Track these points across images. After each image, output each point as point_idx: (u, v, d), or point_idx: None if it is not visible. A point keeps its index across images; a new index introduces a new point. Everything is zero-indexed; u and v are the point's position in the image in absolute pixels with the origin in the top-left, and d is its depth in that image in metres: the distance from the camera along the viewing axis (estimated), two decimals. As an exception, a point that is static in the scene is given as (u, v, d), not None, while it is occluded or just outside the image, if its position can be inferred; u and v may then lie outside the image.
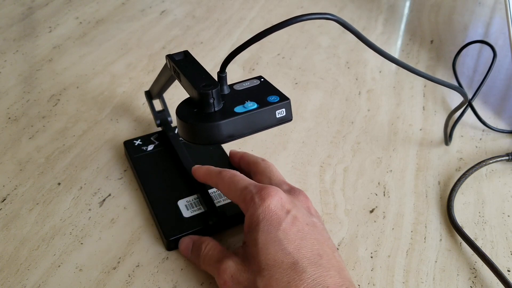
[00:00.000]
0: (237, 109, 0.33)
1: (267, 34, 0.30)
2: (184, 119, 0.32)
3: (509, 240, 0.39)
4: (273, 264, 0.30)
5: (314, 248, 0.30)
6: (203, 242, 0.35)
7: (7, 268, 0.36)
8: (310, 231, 0.31)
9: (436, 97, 0.55)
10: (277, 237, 0.30)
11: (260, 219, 0.31)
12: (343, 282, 0.29)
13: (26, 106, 0.53)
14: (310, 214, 0.33)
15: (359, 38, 0.32)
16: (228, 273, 0.32)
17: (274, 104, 0.33)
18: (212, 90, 0.32)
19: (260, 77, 0.36)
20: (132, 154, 0.44)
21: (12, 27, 0.68)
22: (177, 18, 0.71)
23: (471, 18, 0.72)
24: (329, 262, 0.30)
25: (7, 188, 0.42)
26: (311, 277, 0.29)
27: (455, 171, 0.45)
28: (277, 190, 0.32)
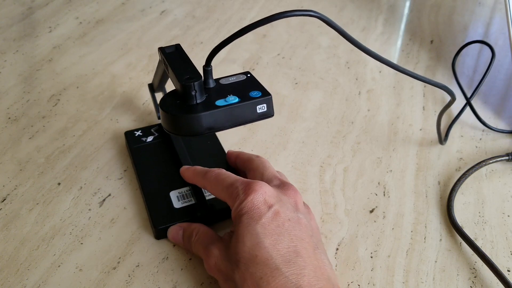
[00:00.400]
0: (219, 102, 0.33)
1: (251, 29, 0.31)
2: (166, 109, 0.33)
3: (509, 240, 0.39)
4: (249, 257, 0.30)
5: (291, 245, 0.30)
6: (193, 229, 0.36)
7: (7, 268, 0.36)
8: (290, 227, 0.31)
9: (436, 97, 0.55)
10: (255, 230, 0.31)
11: (242, 212, 0.32)
12: (318, 281, 0.29)
13: (26, 106, 0.53)
14: (295, 210, 0.33)
15: (342, 34, 0.33)
16: (213, 260, 0.33)
17: (255, 99, 0.34)
18: (194, 83, 0.33)
19: (247, 72, 0.37)
20: (131, 145, 0.45)
21: (12, 27, 0.68)
22: (177, 18, 0.71)
23: (471, 18, 0.72)
24: (305, 260, 0.30)
25: (7, 188, 0.42)
26: (284, 275, 0.29)
27: (455, 171, 0.45)
28: (262, 185, 0.33)
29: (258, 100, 0.34)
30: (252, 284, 0.29)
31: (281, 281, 0.29)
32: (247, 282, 0.29)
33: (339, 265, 0.36)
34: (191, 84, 0.33)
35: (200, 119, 0.33)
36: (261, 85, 0.35)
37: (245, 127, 0.50)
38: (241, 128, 0.50)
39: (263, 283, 0.29)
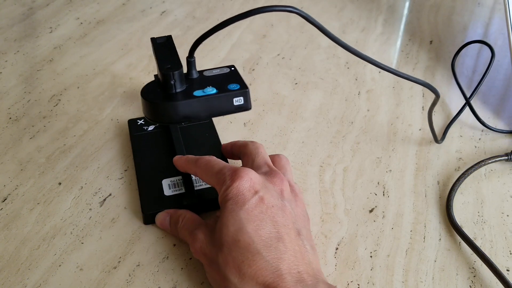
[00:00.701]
0: (196, 92, 0.35)
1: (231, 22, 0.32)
2: (145, 96, 0.35)
3: (508, 239, 0.39)
4: (232, 241, 0.31)
5: (273, 231, 0.31)
6: (180, 215, 0.37)
7: (8, 268, 0.36)
8: (273, 213, 0.32)
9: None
10: (238, 216, 0.32)
11: (227, 198, 0.33)
12: (298, 266, 0.30)
13: (27, 106, 0.53)
14: (280, 197, 0.34)
15: (321, 31, 0.34)
16: (198, 244, 0.34)
17: (233, 91, 0.35)
18: (173, 72, 0.34)
19: (232, 66, 0.38)
20: (132, 132, 0.46)
21: (13, 27, 0.68)
22: (177, 19, 0.71)
23: (470, 19, 0.73)
24: (286, 245, 0.31)
25: (8, 188, 0.43)
26: (264, 259, 0.30)
27: (454, 171, 0.45)
28: (249, 172, 0.33)
29: (235, 92, 0.35)
30: (234, 267, 0.30)
31: (261, 265, 0.30)
32: (229, 265, 0.31)
33: (339, 264, 0.37)
34: (170, 73, 0.34)
35: (176, 108, 0.34)
36: (241, 79, 0.36)
37: (245, 127, 0.50)
38: (241, 128, 0.50)
39: (244, 267, 0.30)
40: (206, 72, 0.37)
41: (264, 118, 0.51)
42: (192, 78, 0.36)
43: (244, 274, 0.30)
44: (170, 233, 0.38)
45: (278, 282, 0.29)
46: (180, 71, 0.34)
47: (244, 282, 0.30)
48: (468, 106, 0.51)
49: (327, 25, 0.70)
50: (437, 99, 0.42)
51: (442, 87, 0.57)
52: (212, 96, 0.34)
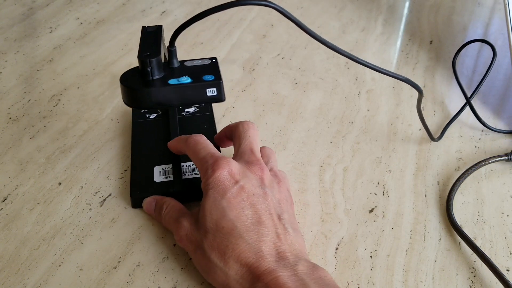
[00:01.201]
0: (171, 81, 0.36)
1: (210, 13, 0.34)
2: (122, 82, 0.36)
3: (508, 239, 0.39)
4: (216, 228, 0.33)
5: (255, 216, 0.33)
6: (164, 202, 0.38)
7: (8, 268, 0.36)
8: (254, 201, 0.34)
9: (436, 97, 0.55)
10: (220, 204, 0.33)
11: (209, 187, 0.34)
12: (279, 247, 0.32)
13: (27, 106, 0.53)
14: (261, 185, 0.35)
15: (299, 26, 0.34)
16: (183, 231, 0.35)
17: (206, 82, 0.36)
18: (149, 59, 0.35)
19: (213, 58, 0.39)
20: (134, 119, 0.47)
21: (13, 27, 0.68)
22: (177, 19, 0.71)
23: (470, 19, 0.73)
24: (267, 229, 0.32)
25: (8, 188, 0.43)
26: (246, 242, 0.32)
27: (454, 171, 0.45)
28: (229, 162, 0.35)
29: (209, 83, 0.36)
30: (219, 252, 0.32)
31: (244, 247, 0.31)
32: (214, 250, 0.32)
33: (339, 264, 0.37)
34: (147, 60, 0.35)
35: (149, 94, 0.35)
36: (218, 71, 0.37)
37: (245, 127, 0.50)
38: (241, 128, 0.50)
39: (229, 250, 0.32)
40: (187, 63, 0.38)
41: (264, 118, 0.51)
42: (173, 67, 0.37)
43: (229, 257, 0.32)
44: (154, 218, 0.40)
45: (260, 261, 0.31)
46: (158, 58, 0.35)
47: (228, 265, 0.32)
48: (469, 105, 0.51)
49: (327, 25, 0.70)
50: (421, 96, 0.43)
51: (442, 87, 0.57)
52: (186, 85, 0.35)
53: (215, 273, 0.32)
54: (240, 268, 0.31)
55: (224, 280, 0.32)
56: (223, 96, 0.37)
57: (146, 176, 0.41)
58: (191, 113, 0.49)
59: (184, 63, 0.38)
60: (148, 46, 0.37)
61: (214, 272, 0.32)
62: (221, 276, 0.32)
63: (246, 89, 0.56)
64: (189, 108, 0.49)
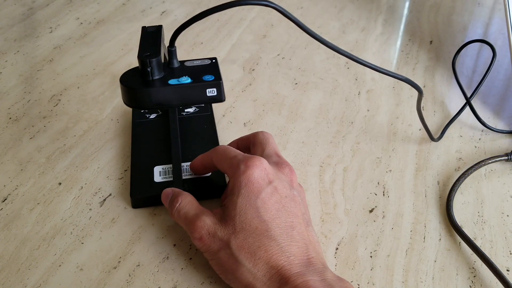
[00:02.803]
0: (172, 81, 0.36)
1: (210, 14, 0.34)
2: (122, 81, 0.36)
3: (508, 239, 0.39)
4: (248, 228, 0.32)
5: (288, 220, 0.33)
6: (180, 195, 0.37)
7: (8, 268, 0.36)
8: (287, 204, 0.34)
9: (436, 97, 0.55)
10: (255, 204, 0.33)
11: (242, 185, 0.33)
12: (308, 253, 0.32)
13: (27, 106, 0.53)
14: (291, 188, 0.35)
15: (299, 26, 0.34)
16: (205, 229, 0.34)
17: (206, 82, 0.36)
18: (149, 59, 0.35)
19: (213, 58, 0.39)
20: (134, 119, 0.48)
21: (13, 27, 0.68)
22: (177, 19, 0.71)
23: (470, 19, 0.73)
24: (299, 234, 0.33)
25: (8, 188, 0.43)
26: (280, 245, 0.31)
27: (454, 171, 0.45)
28: (262, 161, 0.34)
29: (209, 83, 0.36)
30: (249, 252, 0.32)
31: (276, 250, 0.31)
32: (244, 250, 0.32)
33: (339, 264, 0.37)
34: (147, 60, 0.35)
35: (149, 94, 0.35)
36: (218, 71, 0.37)
37: (245, 127, 0.50)
38: (241, 128, 0.50)
39: (260, 252, 0.31)
40: (188, 63, 0.38)
41: (264, 118, 0.51)
42: (173, 68, 0.37)
43: (259, 258, 0.31)
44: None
45: (291, 265, 0.31)
46: (158, 59, 0.35)
47: (258, 266, 0.31)
48: (469, 105, 0.51)
49: (327, 25, 0.70)
50: (421, 96, 0.43)
51: (442, 87, 0.57)
52: (186, 85, 0.36)
53: (241, 274, 0.31)
54: (269, 270, 0.31)
55: (251, 282, 0.31)
56: (223, 96, 0.37)
57: (146, 176, 0.41)
58: (191, 113, 0.49)
59: (184, 63, 0.38)
60: (148, 46, 0.37)
61: (240, 272, 0.32)
62: (247, 277, 0.31)
63: (246, 89, 0.56)
64: (189, 108, 0.49)
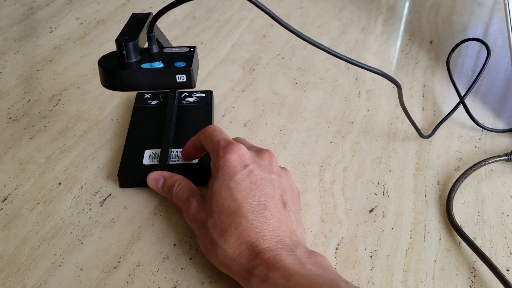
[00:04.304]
0: (144, 65, 0.37)
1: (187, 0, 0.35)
2: (99, 63, 0.37)
3: (508, 239, 0.39)
4: (221, 207, 0.34)
5: (261, 199, 0.34)
6: (176, 180, 0.39)
7: (8, 268, 0.36)
8: (262, 185, 0.35)
9: (436, 97, 0.55)
10: (229, 185, 0.34)
11: (219, 169, 0.35)
12: (281, 232, 0.33)
13: (27, 106, 0.53)
14: (270, 172, 0.36)
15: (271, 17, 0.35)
16: (191, 210, 0.36)
17: (177, 68, 0.37)
18: (125, 43, 0.36)
19: (193, 47, 0.40)
20: (136, 104, 0.49)
21: (13, 27, 0.68)
22: (177, 19, 0.71)
23: (470, 19, 0.73)
24: (272, 214, 0.34)
25: (8, 188, 0.43)
26: (250, 222, 0.33)
27: (454, 171, 0.45)
28: (241, 147, 0.36)
29: (179, 69, 0.37)
30: (221, 230, 0.33)
31: (247, 227, 0.32)
32: (217, 228, 0.33)
33: (339, 264, 0.37)
34: (122, 43, 0.36)
35: (121, 75, 0.36)
36: (191, 59, 0.38)
37: (245, 127, 0.50)
38: (241, 128, 0.50)
39: (231, 229, 0.33)
40: (167, 49, 0.39)
41: (264, 118, 0.51)
42: (152, 53, 0.38)
43: (230, 235, 0.33)
44: (160, 194, 0.41)
45: (261, 241, 0.32)
46: (134, 43, 0.36)
47: (228, 243, 0.33)
48: (462, 104, 0.51)
49: (327, 25, 0.70)
50: (401, 90, 0.43)
51: (442, 87, 0.57)
52: (157, 70, 0.36)
53: (215, 251, 0.33)
54: (239, 246, 0.32)
55: (223, 258, 0.33)
56: (193, 82, 0.37)
57: (136, 158, 0.43)
58: (191, 102, 0.50)
59: (164, 49, 0.39)
60: (129, 31, 0.38)
61: (214, 250, 0.33)
62: (220, 254, 0.33)
63: (246, 89, 0.56)
64: (189, 98, 0.51)
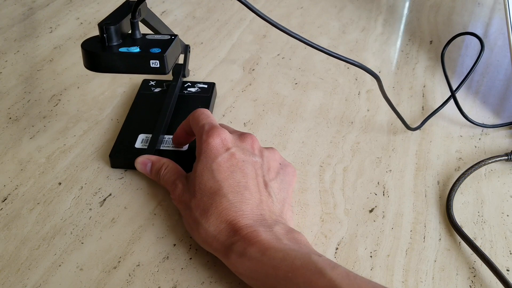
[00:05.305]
0: (122, 49, 0.38)
1: None
2: (82, 44, 0.39)
3: (508, 239, 0.39)
4: (204, 188, 0.35)
5: (241, 181, 0.35)
6: (163, 164, 0.41)
7: (8, 268, 0.36)
8: (243, 167, 0.36)
9: (436, 97, 0.55)
10: (211, 167, 0.36)
11: (202, 152, 0.37)
12: (260, 211, 0.34)
13: (27, 106, 0.53)
14: (252, 154, 0.37)
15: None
16: (177, 192, 0.38)
17: (150, 53, 0.38)
18: (106, 27, 0.38)
19: (174, 35, 0.41)
20: (140, 90, 0.52)
21: (13, 27, 0.68)
22: (177, 19, 0.71)
23: (470, 19, 0.73)
24: (252, 194, 0.35)
25: (8, 188, 0.43)
26: (230, 201, 0.34)
27: (454, 171, 0.45)
28: (223, 132, 0.37)
29: (153, 55, 0.38)
30: (203, 209, 0.35)
31: (226, 206, 0.34)
32: (200, 208, 0.35)
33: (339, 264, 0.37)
34: (102, 26, 0.38)
35: (99, 58, 0.38)
36: (168, 46, 0.39)
37: (245, 126, 0.50)
38: (241, 128, 0.50)
39: (212, 208, 0.34)
40: (149, 36, 0.40)
41: (264, 118, 0.51)
42: (134, 38, 0.40)
43: (211, 214, 0.34)
44: (149, 177, 0.42)
45: (239, 219, 0.33)
46: (116, 27, 0.38)
47: (209, 221, 0.34)
48: (453, 98, 0.51)
49: (327, 25, 0.70)
50: (380, 82, 0.44)
51: (442, 87, 0.57)
52: (132, 54, 0.37)
53: (198, 230, 0.35)
54: (219, 224, 0.34)
55: (204, 236, 0.34)
56: (166, 69, 0.38)
57: (129, 141, 0.45)
58: (192, 92, 0.52)
59: (146, 36, 0.40)
60: (115, 16, 0.40)
61: (196, 229, 0.35)
62: (201, 232, 0.34)
63: (246, 89, 0.56)
64: (192, 88, 0.52)
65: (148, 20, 0.44)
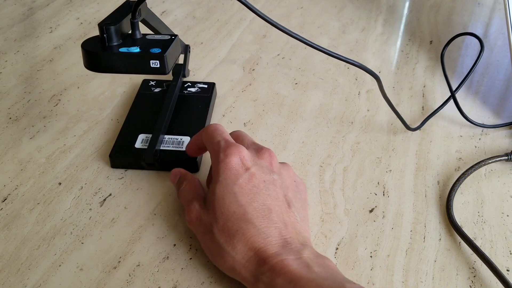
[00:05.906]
0: (122, 49, 0.38)
1: None
2: (82, 44, 0.39)
3: (508, 239, 0.39)
4: (227, 213, 0.34)
5: (266, 203, 0.34)
6: (185, 179, 0.40)
7: (8, 268, 0.36)
8: (265, 188, 0.35)
9: (436, 97, 0.55)
10: (232, 190, 0.34)
11: (220, 172, 0.35)
12: (286, 234, 0.33)
13: (27, 106, 0.53)
14: (271, 172, 0.36)
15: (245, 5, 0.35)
16: (194, 214, 0.36)
17: (151, 53, 0.37)
18: (106, 27, 0.37)
19: (174, 35, 0.41)
20: (140, 90, 0.52)
21: (13, 27, 0.68)
22: (177, 19, 0.71)
23: (470, 19, 0.73)
24: (278, 216, 0.34)
25: (8, 188, 0.43)
26: (257, 227, 0.33)
27: (454, 171, 0.45)
28: (241, 149, 0.36)
29: (153, 55, 0.37)
30: (228, 236, 0.33)
31: (253, 233, 0.32)
32: (224, 234, 0.33)
33: (339, 264, 0.37)
34: (103, 27, 0.37)
35: (99, 58, 0.37)
36: (168, 46, 0.38)
37: (245, 127, 0.50)
38: (241, 128, 0.50)
39: (238, 235, 0.33)
40: (149, 36, 0.40)
41: (264, 118, 0.51)
42: (134, 39, 0.40)
43: (238, 241, 0.33)
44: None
45: (267, 246, 0.32)
46: (116, 27, 0.38)
47: (236, 249, 0.33)
48: (453, 98, 0.51)
49: (327, 25, 0.70)
50: (380, 82, 0.44)
51: (442, 87, 0.57)
52: (132, 54, 0.37)
53: (223, 257, 0.33)
54: (247, 252, 0.32)
55: (231, 264, 0.33)
56: (167, 69, 0.38)
57: (130, 141, 0.45)
58: (192, 92, 0.52)
59: (146, 36, 0.40)
60: (115, 16, 0.40)
61: (221, 255, 0.33)
62: (228, 260, 0.33)
63: (246, 89, 0.56)
64: (192, 88, 0.52)
65: (148, 20, 0.44)
